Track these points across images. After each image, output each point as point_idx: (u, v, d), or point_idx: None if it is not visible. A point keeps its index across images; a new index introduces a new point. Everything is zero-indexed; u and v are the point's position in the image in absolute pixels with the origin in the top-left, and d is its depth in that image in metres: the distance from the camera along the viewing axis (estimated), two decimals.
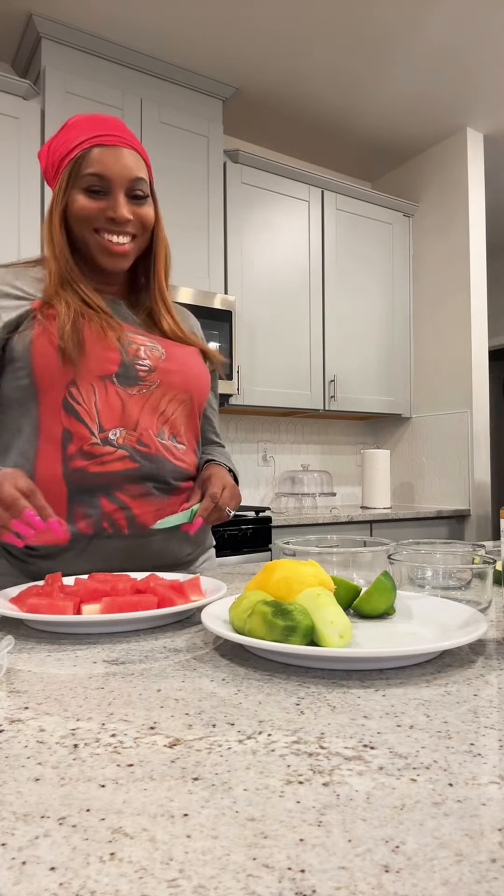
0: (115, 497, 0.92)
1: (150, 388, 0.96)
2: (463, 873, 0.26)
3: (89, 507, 0.91)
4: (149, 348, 0.97)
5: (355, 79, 2.86)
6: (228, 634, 0.53)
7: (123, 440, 0.92)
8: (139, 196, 0.96)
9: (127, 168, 0.93)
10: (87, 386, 0.91)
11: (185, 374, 1.00)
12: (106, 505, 0.91)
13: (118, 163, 0.93)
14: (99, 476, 0.91)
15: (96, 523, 0.91)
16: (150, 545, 0.95)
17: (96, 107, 2.52)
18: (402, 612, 0.67)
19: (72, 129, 0.95)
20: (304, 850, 0.27)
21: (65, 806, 0.31)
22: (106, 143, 0.93)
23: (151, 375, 0.96)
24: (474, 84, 2.91)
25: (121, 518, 0.92)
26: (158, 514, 0.94)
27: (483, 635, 0.62)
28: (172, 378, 0.98)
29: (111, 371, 0.92)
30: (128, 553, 0.94)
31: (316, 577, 0.60)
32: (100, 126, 0.94)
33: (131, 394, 0.94)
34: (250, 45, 2.63)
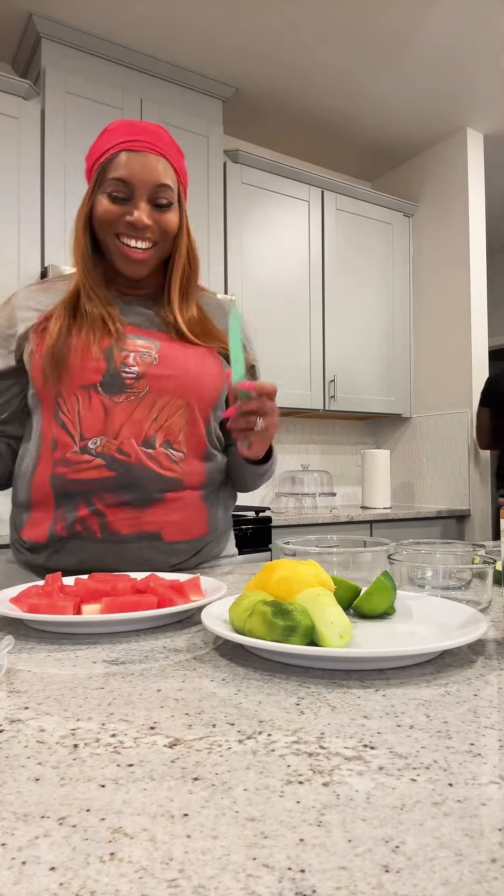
0: (93, 504, 0.93)
1: (138, 395, 0.95)
2: (463, 873, 0.26)
3: (68, 511, 0.94)
4: (140, 355, 0.96)
5: (355, 79, 2.86)
6: (228, 634, 0.53)
7: (102, 448, 0.93)
8: (162, 203, 0.95)
9: (152, 174, 0.93)
10: (71, 396, 0.94)
11: (180, 380, 0.97)
12: (82, 510, 0.94)
13: (143, 168, 0.93)
14: (76, 483, 0.93)
15: (70, 526, 0.94)
16: (123, 552, 0.95)
17: (96, 107, 2.52)
18: (402, 612, 0.67)
19: (107, 134, 0.96)
20: (304, 850, 0.27)
21: (65, 806, 0.31)
22: (134, 148, 0.93)
23: (139, 382, 0.95)
24: (474, 84, 2.91)
25: (94, 523, 0.94)
26: (133, 522, 0.94)
27: (483, 635, 0.62)
28: (164, 384, 0.96)
29: (94, 380, 0.93)
30: (100, 556, 0.95)
31: (316, 577, 0.60)
32: (133, 132, 0.94)
33: (117, 402, 0.94)
34: (250, 45, 2.63)
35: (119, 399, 0.94)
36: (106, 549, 0.94)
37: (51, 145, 2.41)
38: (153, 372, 0.96)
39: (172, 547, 0.97)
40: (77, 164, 2.45)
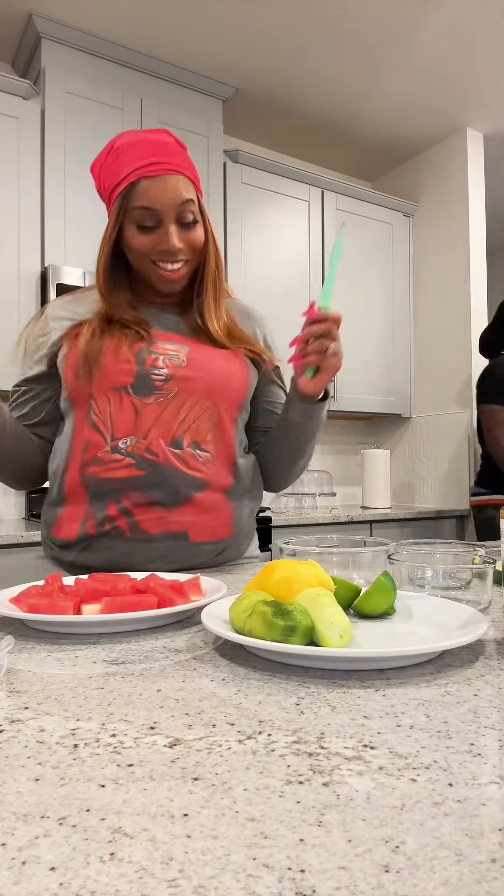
0: (121, 502, 0.96)
1: (167, 396, 0.98)
2: (463, 873, 0.26)
3: (99, 509, 0.97)
4: (169, 357, 0.99)
5: (355, 79, 2.86)
6: (228, 634, 0.53)
7: (132, 448, 0.96)
8: (189, 222, 0.98)
9: (173, 196, 0.95)
10: (103, 398, 0.97)
11: (207, 381, 1.00)
12: (112, 509, 0.96)
13: (165, 193, 0.94)
14: (107, 481, 0.96)
15: (99, 524, 0.97)
16: (151, 550, 0.97)
17: (96, 107, 2.52)
18: (402, 612, 0.67)
19: (118, 157, 0.96)
20: (304, 850, 0.27)
21: (65, 806, 0.31)
22: (151, 173, 0.94)
23: (168, 384, 0.98)
24: (474, 84, 2.91)
25: (122, 523, 0.96)
26: (161, 522, 0.97)
27: (483, 635, 0.62)
28: (192, 385, 0.99)
29: (125, 382, 0.97)
30: (128, 555, 0.97)
31: (316, 577, 0.60)
32: (145, 153, 0.94)
33: (147, 403, 0.97)
34: (250, 46, 2.63)
35: (148, 400, 0.97)
36: (134, 548, 0.97)
37: (51, 145, 2.41)
38: (181, 374, 0.98)
39: (198, 547, 1.00)
40: (77, 164, 2.45)
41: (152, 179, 0.94)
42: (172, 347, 1.00)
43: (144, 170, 0.93)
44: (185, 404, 0.98)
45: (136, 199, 0.94)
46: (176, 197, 0.95)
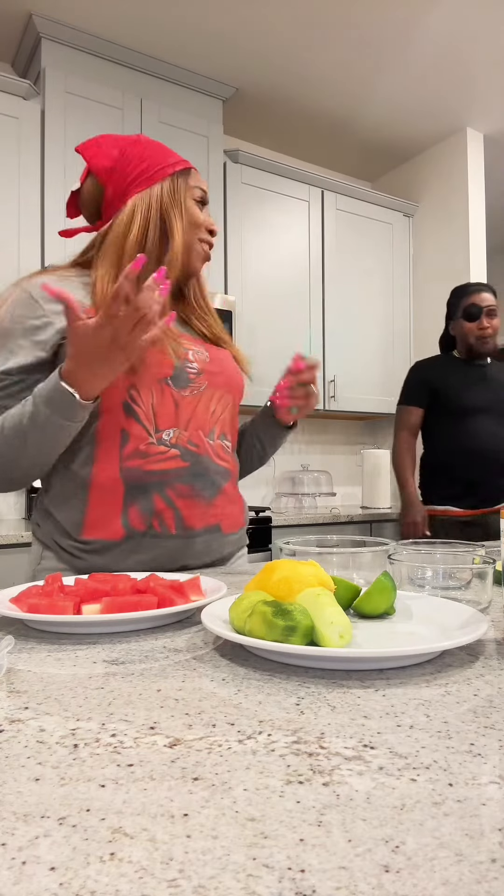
0: (167, 495, 0.96)
1: (199, 389, 1.01)
2: (463, 873, 0.26)
3: (143, 504, 0.95)
4: (196, 352, 1.03)
5: (355, 78, 2.86)
6: (228, 634, 0.53)
7: (176, 440, 0.97)
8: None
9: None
10: (146, 389, 0.96)
11: (226, 376, 1.06)
12: (158, 503, 0.96)
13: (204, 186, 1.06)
14: (152, 474, 0.96)
15: (147, 520, 0.96)
16: (194, 545, 0.99)
17: (96, 107, 2.52)
18: (402, 612, 0.67)
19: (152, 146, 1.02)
20: (304, 850, 0.27)
21: (65, 806, 0.31)
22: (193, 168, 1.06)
23: (200, 378, 1.01)
24: (474, 84, 2.91)
25: (169, 518, 0.96)
26: (203, 516, 0.99)
27: (483, 635, 0.62)
28: (217, 379, 1.04)
29: (167, 374, 0.97)
30: (173, 552, 0.98)
31: (316, 577, 0.60)
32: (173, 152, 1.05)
33: (184, 395, 0.99)
34: (250, 45, 2.63)
35: (185, 393, 0.99)
36: (178, 545, 0.97)
37: (51, 145, 2.41)
38: (209, 368, 1.03)
39: (228, 538, 1.04)
40: (77, 164, 2.45)
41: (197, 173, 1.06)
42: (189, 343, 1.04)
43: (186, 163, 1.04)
44: (214, 397, 1.03)
45: (197, 180, 1.04)
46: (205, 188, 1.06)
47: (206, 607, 0.63)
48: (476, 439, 2.25)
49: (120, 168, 1.01)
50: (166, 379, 0.97)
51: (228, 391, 1.07)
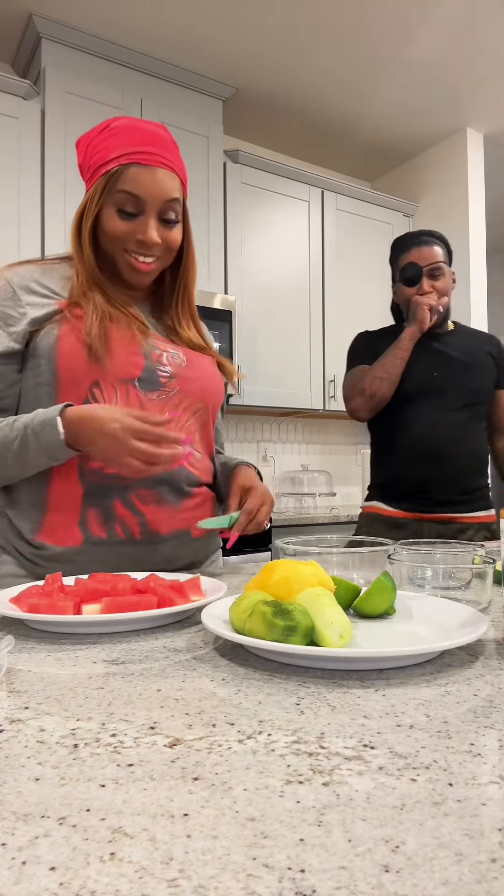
0: (129, 500, 0.93)
1: (168, 394, 0.97)
2: (463, 873, 0.26)
3: (103, 509, 0.92)
4: (171, 355, 0.98)
5: (355, 79, 2.86)
6: (228, 634, 0.53)
7: None
8: (170, 220, 0.96)
9: (161, 190, 0.93)
10: (109, 388, 0.92)
11: (202, 383, 1.02)
12: (119, 509, 0.92)
13: (153, 184, 0.92)
14: (115, 477, 0.91)
15: (108, 527, 0.92)
16: (160, 551, 0.96)
17: (96, 107, 2.52)
18: (402, 612, 0.67)
19: (113, 136, 0.93)
20: (304, 850, 0.27)
21: (65, 806, 0.31)
22: (144, 161, 0.91)
23: (171, 382, 0.97)
24: (474, 84, 2.91)
25: (133, 524, 0.93)
26: (171, 521, 0.96)
27: (483, 635, 0.62)
28: (191, 386, 0.99)
29: (134, 375, 0.93)
30: (138, 559, 0.94)
31: (316, 577, 0.60)
32: (141, 139, 0.92)
33: (150, 398, 0.95)
34: (250, 46, 2.63)
35: (152, 396, 0.95)
36: (144, 551, 0.94)
37: (51, 145, 2.41)
38: (183, 373, 0.99)
39: (196, 543, 1.01)
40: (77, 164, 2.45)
41: (143, 167, 0.91)
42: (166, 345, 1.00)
43: (138, 156, 0.91)
44: (182, 404, 0.99)
45: (124, 182, 0.91)
46: (163, 191, 0.93)
47: (206, 607, 0.63)
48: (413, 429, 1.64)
49: (84, 163, 0.97)
50: (133, 380, 0.93)
51: (201, 399, 1.01)
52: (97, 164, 0.93)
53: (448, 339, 1.72)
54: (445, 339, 1.72)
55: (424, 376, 1.65)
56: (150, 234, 0.93)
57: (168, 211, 0.95)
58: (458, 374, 1.67)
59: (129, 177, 0.91)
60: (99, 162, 0.93)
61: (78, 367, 0.91)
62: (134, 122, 0.94)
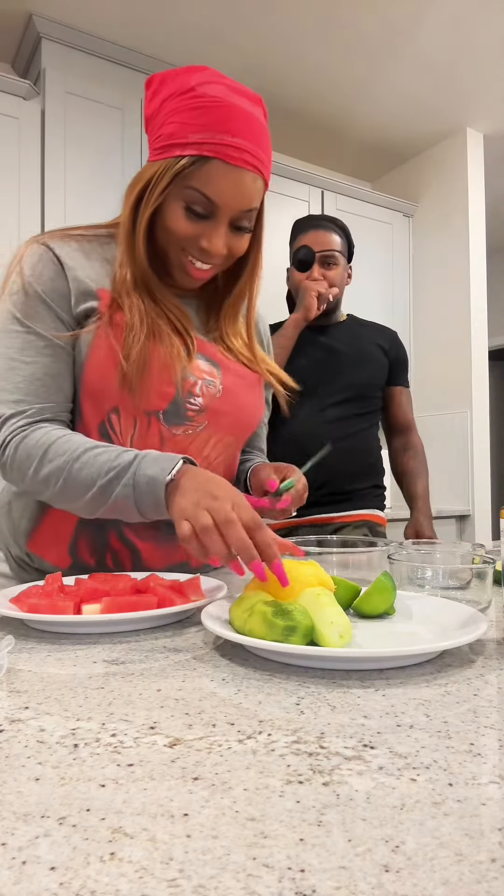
0: (124, 534, 0.85)
1: (196, 429, 0.86)
2: (463, 873, 0.26)
3: (97, 537, 0.85)
4: (206, 384, 0.86)
5: (355, 79, 2.86)
6: (229, 634, 0.53)
7: None
8: (242, 228, 0.82)
9: (242, 198, 0.78)
10: (128, 417, 0.82)
11: (236, 416, 0.89)
12: (114, 540, 0.86)
13: (235, 191, 0.77)
14: None
15: (99, 556, 0.87)
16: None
17: (96, 107, 2.51)
18: (402, 612, 0.67)
19: (199, 108, 0.75)
20: (304, 849, 0.27)
21: (65, 806, 0.31)
22: (230, 159, 0.75)
23: (200, 416, 0.85)
24: (474, 84, 2.91)
25: (125, 558, 0.87)
26: (167, 557, 0.89)
27: (483, 635, 0.62)
28: (222, 420, 0.88)
29: (160, 407, 0.82)
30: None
31: (316, 577, 0.60)
32: (231, 124, 0.75)
33: (175, 433, 0.84)
34: (250, 46, 2.63)
35: (177, 431, 0.84)
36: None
37: (51, 145, 2.41)
38: (215, 406, 0.86)
39: (196, 570, 0.95)
40: (77, 164, 2.45)
41: (228, 167, 0.75)
42: (207, 369, 0.87)
43: (224, 151, 0.75)
44: (210, 441, 0.88)
45: (200, 179, 0.76)
46: (244, 200, 0.78)
47: (206, 607, 0.63)
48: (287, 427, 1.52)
49: (154, 121, 0.80)
50: (157, 412, 0.82)
51: (232, 433, 0.90)
52: (171, 138, 0.76)
53: (336, 330, 1.62)
54: (332, 330, 1.61)
55: (305, 369, 1.53)
56: (217, 245, 0.80)
57: (243, 220, 0.81)
58: (341, 368, 1.55)
59: (208, 175, 0.76)
60: (173, 137, 0.76)
61: (104, 389, 0.80)
62: (228, 95, 0.76)
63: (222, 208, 0.78)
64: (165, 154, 0.77)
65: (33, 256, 0.82)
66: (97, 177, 2.47)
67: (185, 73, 0.79)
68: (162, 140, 0.78)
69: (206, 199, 0.77)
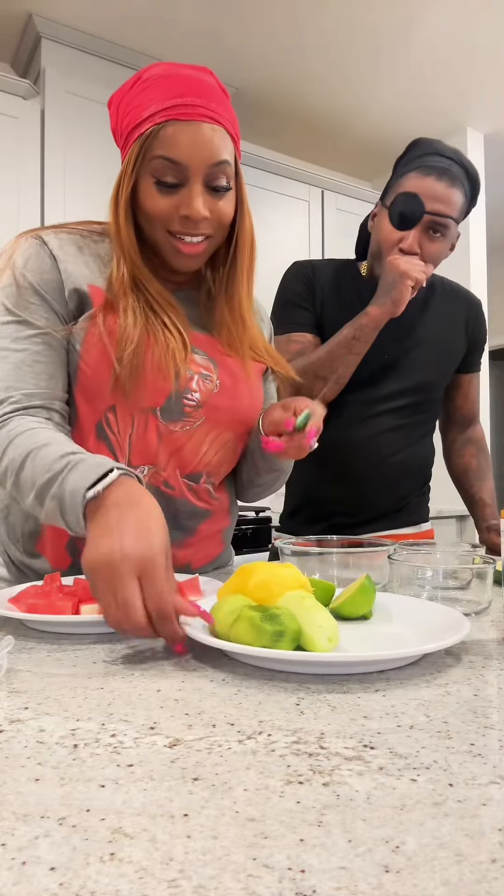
0: None
1: (193, 425, 0.84)
2: (463, 873, 0.26)
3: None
4: (203, 378, 0.84)
5: (355, 79, 2.86)
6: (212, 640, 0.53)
7: (150, 478, 0.83)
8: (220, 188, 0.79)
9: (208, 151, 0.76)
10: (125, 416, 0.81)
11: (234, 412, 0.88)
12: None
13: (196, 144, 0.75)
14: None
15: None
16: None
17: (96, 107, 2.51)
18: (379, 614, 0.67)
19: (147, 89, 0.77)
20: (304, 850, 0.27)
21: (65, 806, 0.31)
22: (183, 116, 0.74)
23: (198, 411, 0.84)
24: (474, 84, 2.91)
25: None
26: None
27: (467, 636, 0.62)
28: (220, 416, 0.86)
29: (157, 403, 0.81)
30: None
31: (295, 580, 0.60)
32: (179, 89, 0.76)
33: (173, 430, 0.83)
34: (250, 46, 2.63)
35: (175, 427, 0.83)
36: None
37: (51, 145, 2.41)
38: (213, 401, 0.85)
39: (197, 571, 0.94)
40: (77, 164, 2.45)
41: (183, 124, 0.74)
42: (204, 362, 0.85)
43: (175, 110, 0.74)
44: (209, 436, 0.86)
45: (160, 146, 0.75)
46: (210, 153, 0.76)
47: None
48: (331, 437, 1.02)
49: (116, 127, 0.83)
50: (154, 409, 0.81)
51: (232, 429, 0.88)
52: (129, 126, 0.78)
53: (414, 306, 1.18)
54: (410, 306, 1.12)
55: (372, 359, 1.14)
56: (196, 207, 0.77)
57: (217, 176, 0.78)
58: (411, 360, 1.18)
59: (166, 138, 0.74)
60: (132, 124, 0.78)
61: (98, 389, 0.79)
62: (171, 69, 0.78)
63: (190, 168, 0.76)
64: (129, 142, 0.78)
65: (26, 249, 0.82)
66: (97, 176, 2.47)
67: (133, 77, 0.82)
68: (124, 133, 0.80)
69: (171, 162, 0.75)
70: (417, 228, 1.11)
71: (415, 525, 1.31)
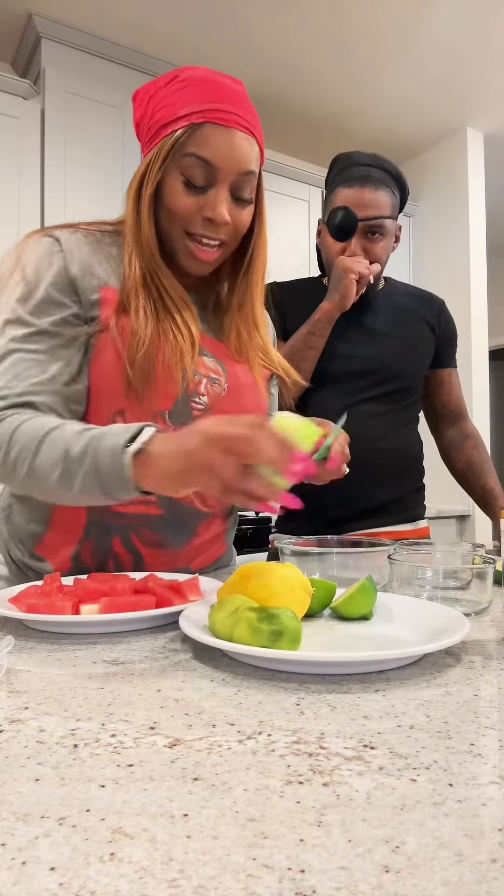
0: (129, 539, 0.85)
1: None
2: (463, 873, 0.26)
3: (100, 542, 0.84)
4: (211, 381, 0.85)
5: (355, 79, 2.86)
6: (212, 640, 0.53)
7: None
8: (243, 199, 0.82)
9: (239, 159, 0.78)
10: (134, 420, 0.79)
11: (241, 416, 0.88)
12: (117, 545, 0.85)
13: (230, 150, 0.77)
14: (119, 516, 0.83)
15: (100, 559, 0.86)
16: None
17: (96, 107, 2.51)
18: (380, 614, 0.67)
19: (184, 88, 0.78)
20: (304, 850, 0.27)
21: (65, 806, 0.31)
22: (221, 121, 0.76)
23: (206, 415, 0.83)
24: (474, 84, 2.91)
25: (127, 561, 0.86)
26: (170, 563, 0.88)
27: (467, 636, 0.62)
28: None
29: (165, 407, 0.81)
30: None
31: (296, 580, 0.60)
32: (218, 95, 0.77)
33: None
34: (250, 46, 2.63)
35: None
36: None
37: (51, 145, 2.41)
38: (220, 406, 0.85)
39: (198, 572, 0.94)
40: (77, 164, 2.45)
41: (219, 128, 0.76)
42: (212, 365, 0.86)
43: (214, 114, 0.76)
44: None
45: (194, 144, 0.76)
46: (241, 161, 0.78)
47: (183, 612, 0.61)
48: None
49: (142, 120, 0.82)
50: (162, 413, 0.81)
51: None
52: (162, 121, 0.78)
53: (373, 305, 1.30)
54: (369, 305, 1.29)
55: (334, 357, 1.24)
56: (220, 210, 0.78)
57: (243, 186, 0.80)
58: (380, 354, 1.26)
59: (201, 138, 0.76)
60: (164, 119, 0.78)
61: (109, 393, 0.79)
62: (210, 75, 0.80)
63: (220, 171, 0.78)
64: (158, 137, 0.79)
65: (39, 247, 0.82)
66: (97, 177, 2.47)
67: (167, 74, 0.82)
68: (153, 127, 0.80)
69: (203, 162, 0.77)
70: (357, 235, 1.23)
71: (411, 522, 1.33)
